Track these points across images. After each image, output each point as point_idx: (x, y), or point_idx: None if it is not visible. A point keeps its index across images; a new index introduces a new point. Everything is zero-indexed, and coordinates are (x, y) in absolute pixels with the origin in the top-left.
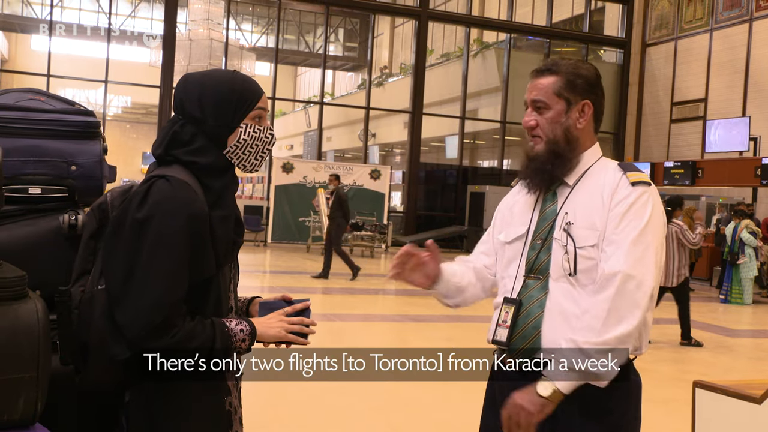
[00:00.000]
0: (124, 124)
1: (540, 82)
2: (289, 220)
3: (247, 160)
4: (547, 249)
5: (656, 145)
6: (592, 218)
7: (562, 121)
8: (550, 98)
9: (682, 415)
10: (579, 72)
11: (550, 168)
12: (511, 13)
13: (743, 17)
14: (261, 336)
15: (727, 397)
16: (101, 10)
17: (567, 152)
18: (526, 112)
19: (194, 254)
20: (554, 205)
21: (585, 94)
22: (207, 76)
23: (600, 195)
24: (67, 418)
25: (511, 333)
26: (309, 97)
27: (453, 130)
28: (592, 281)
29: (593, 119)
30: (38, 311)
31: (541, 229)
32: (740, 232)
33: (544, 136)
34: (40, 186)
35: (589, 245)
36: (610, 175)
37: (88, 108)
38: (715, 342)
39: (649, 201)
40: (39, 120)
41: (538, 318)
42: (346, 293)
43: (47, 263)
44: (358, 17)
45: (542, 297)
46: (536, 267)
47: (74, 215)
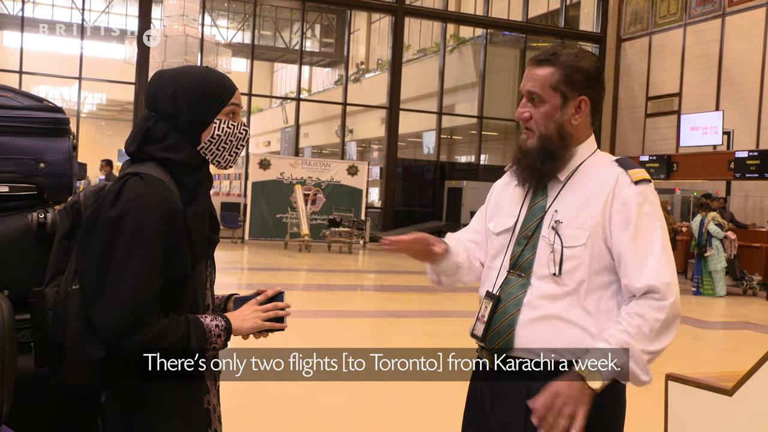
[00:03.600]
0: (99, 122)
1: (537, 72)
2: (267, 216)
3: (221, 156)
4: (532, 246)
5: (631, 140)
6: (583, 217)
7: (556, 117)
8: (545, 91)
9: (655, 407)
10: (578, 65)
11: (539, 165)
12: (488, 9)
13: (716, 12)
14: (237, 330)
15: (699, 389)
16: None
17: (560, 149)
18: (521, 102)
19: (169, 251)
20: (544, 200)
21: (583, 90)
22: (180, 72)
23: (596, 193)
24: (37, 420)
25: (487, 329)
26: (286, 93)
27: (430, 126)
28: (575, 283)
29: (590, 114)
30: (3, 311)
31: (528, 225)
32: (707, 224)
33: (537, 130)
34: (8, 184)
35: (578, 245)
36: (607, 172)
37: (57, 105)
38: (687, 334)
39: (655, 198)
40: (6, 117)
41: (513, 316)
42: (324, 289)
43: (16, 263)
44: (334, 13)
45: (521, 295)
46: (520, 264)
47: (43, 213)
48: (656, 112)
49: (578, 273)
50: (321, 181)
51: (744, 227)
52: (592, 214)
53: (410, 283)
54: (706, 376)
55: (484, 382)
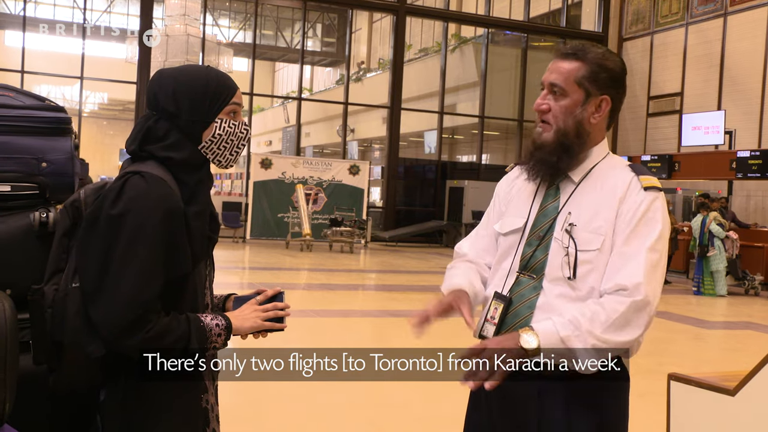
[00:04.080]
0: (100, 121)
1: (562, 65)
2: (268, 216)
3: (222, 155)
4: (544, 248)
5: (633, 139)
6: (598, 221)
7: (576, 113)
8: (569, 85)
9: (657, 407)
10: (605, 64)
11: (555, 161)
12: (489, 8)
13: (718, 12)
14: (237, 329)
15: (701, 389)
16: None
17: (576, 146)
18: (541, 94)
19: (170, 250)
20: (556, 201)
21: (606, 89)
22: (182, 71)
23: (608, 198)
24: (38, 419)
25: (498, 331)
26: (287, 93)
27: (432, 125)
28: (588, 288)
29: (609, 115)
30: (5, 310)
31: (539, 226)
32: (709, 224)
33: (555, 124)
34: (10, 183)
35: (592, 249)
36: (620, 176)
37: (59, 104)
38: (689, 333)
39: (661, 208)
40: (8, 116)
41: (526, 319)
42: (325, 289)
43: (18, 262)
44: (335, 12)
45: (533, 297)
46: (531, 265)
47: (45, 213)
48: (658, 112)
49: (591, 277)
50: (322, 180)
51: (746, 227)
52: (606, 218)
53: (411, 283)
54: (709, 376)
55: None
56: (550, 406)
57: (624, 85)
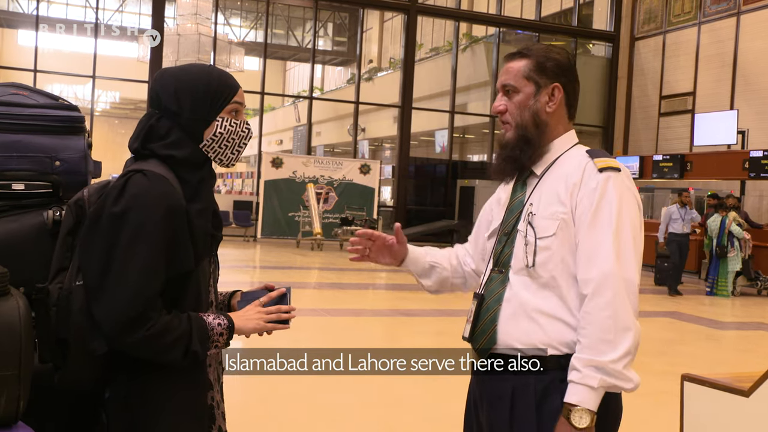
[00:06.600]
0: (112, 120)
1: (511, 66)
2: (279, 215)
3: (223, 154)
4: (511, 242)
5: (645, 139)
6: (554, 207)
7: (530, 105)
8: (519, 81)
9: (671, 408)
10: (549, 55)
11: (518, 154)
12: (500, 7)
13: (731, 11)
14: (240, 329)
15: (715, 390)
16: (88, 4)
17: (535, 137)
18: (497, 98)
19: (172, 248)
20: (522, 196)
21: (555, 77)
22: (183, 70)
23: (564, 183)
24: (46, 416)
25: (473, 328)
26: (298, 92)
27: (442, 125)
28: (548, 275)
29: (565, 104)
30: (20, 308)
31: (507, 222)
32: (729, 225)
33: (513, 121)
34: (24, 182)
35: (549, 235)
36: (576, 162)
37: (72, 103)
38: (701, 334)
39: (620, 188)
40: (22, 115)
41: (495, 312)
42: (336, 288)
43: (31, 260)
44: (346, 11)
45: (501, 291)
46: (500, 260)
47: (58, 211)
48: (670, 111)
49: (551, 264)
50: (333, 179)
51: (759, 227)
52: (562, 201)
53: None
54: (723, 376)
55: (475, 382)
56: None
57: (573, 74)
